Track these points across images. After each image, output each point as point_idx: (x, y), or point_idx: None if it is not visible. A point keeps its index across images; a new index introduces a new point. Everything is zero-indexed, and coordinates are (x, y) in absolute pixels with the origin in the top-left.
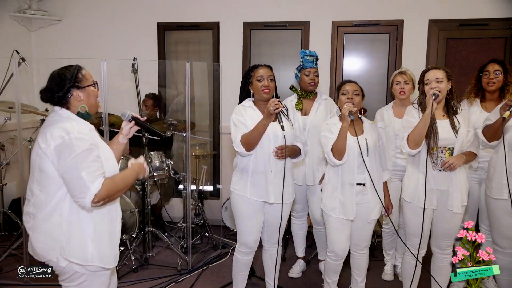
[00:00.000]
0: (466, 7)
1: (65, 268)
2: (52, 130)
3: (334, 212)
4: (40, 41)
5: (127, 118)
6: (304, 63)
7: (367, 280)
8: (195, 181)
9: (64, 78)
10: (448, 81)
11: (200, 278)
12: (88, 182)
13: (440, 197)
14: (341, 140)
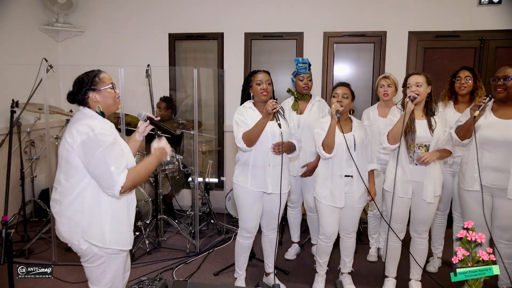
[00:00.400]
0: (441, 20)
1: (86, 251)
2: (77, 127)
3: (325, 199)
4: (66, 50)
5: (143, 118)
6: (298, 69)
7: (354, 262)
8: (201, 174)
9: (82, 82)
10: (428, 86)
11: (207, 260)
12: (116, 175)
13: (415, 188)
14: (329, 136)
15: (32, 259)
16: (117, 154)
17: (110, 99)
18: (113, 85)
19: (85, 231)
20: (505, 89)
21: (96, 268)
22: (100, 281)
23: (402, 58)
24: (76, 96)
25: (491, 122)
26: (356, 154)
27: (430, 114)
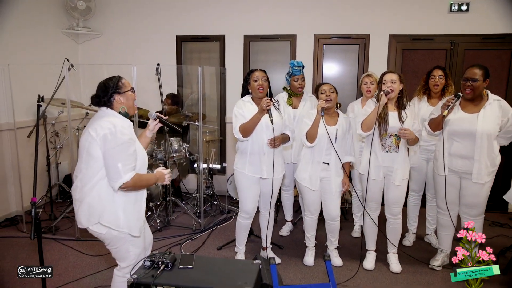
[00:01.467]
0: (417, 25)
1: (106, 235)
2: (101, 123)
3: (303, 181)
4: (85, 51)
5: (153, 117)
6: (293, 71)
7: (340, 237)
8: (206, 160)
9: (108, 86)
10: (400, 83)
11: (210, 236)
12: (122, 172)
13: (386, 173)
14: (313, 129)
15: (58, 235)
16: (129, 154)
17: (131, 100)
18: (133, 88)
19: (102, 216)
20: (473, 90)
21: (119, 248)
22: (126, 258)
23: (383, 58)
24: (102, 98)
25: (459, 117)
26: (337, 145)
27: (402, 107)
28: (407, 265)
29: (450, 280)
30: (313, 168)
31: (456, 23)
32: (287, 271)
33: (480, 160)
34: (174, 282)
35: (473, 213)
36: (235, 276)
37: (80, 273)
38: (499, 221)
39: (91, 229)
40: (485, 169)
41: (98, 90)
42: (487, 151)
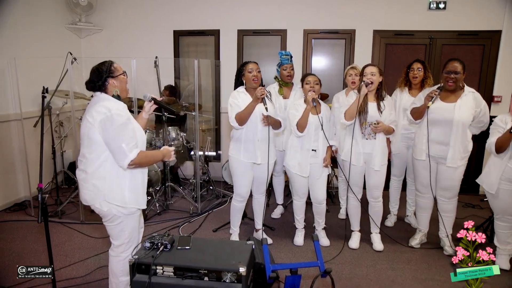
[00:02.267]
0: (399, 22)
1: (107, 212)
2: (96, 108)
3: (293, 169)
4: (88, 45)
5: (148, 98)
6: (282, 60)
7: (327, 219)
8: (202, 148)
9: (101, 71)
10: (380, 75)
11: (207, 219)
12: (127, 150)
13: (366, 159)
14: (303, 119)
15: (64, 219)
16: (129, 133)
17: (124, 84)
18: (125, 72)
19: (107, 195)
20: (455, 82)
21: (116, 226)
22: (119, 236)
23: (367, 52)
24: (96, 83)
25: (438, 106)
26: (323, 132)
27: (380, 98)
28: (388, 244)
29: (428, 257)
30: (303, 155)
31: (435, 20)
32: (278, 251)
33: (454, 146)
34: (172, 262)
35: (448, 196)
36: (230, 256)
37: (85, 254)
38: (471, 203)
39: (94, 205)
40: (458, 154)
41: (91, 75)
42: (461, 138)
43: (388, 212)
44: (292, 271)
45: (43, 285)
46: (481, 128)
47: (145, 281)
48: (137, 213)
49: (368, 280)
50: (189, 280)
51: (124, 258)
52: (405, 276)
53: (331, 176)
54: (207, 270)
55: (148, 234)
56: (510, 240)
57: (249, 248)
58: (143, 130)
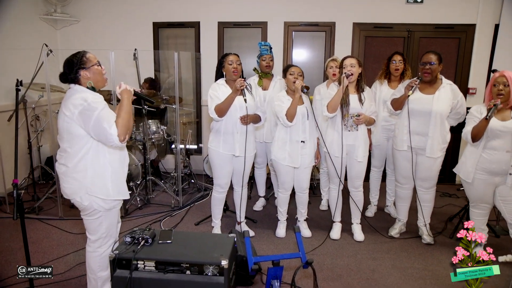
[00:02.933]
0: (379, 14)
1: (87, 206)
2: (72, 101)
3: (283, 161)
4: (64, 37)
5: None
6: (261, 51)
7: (309, 211)
8: (183, 141)
9: (72, 63)
10: (359, 67)
11: (188, 213)
12: (108, 128)
13: (349, 150)
14: (293, 108)
15: (42, 215)
16: (108, 114)
17: (98, 75)
18: (99, 62)
19: (90, 188)
20: (431, 72)
21: (94, 220)
22: (97, 231)
23: (347, 44)
24: (68, 75)
25: (417, 98)
26: (309, 123)
27: (361, 90)
28: (369, 234)
29: (407, 246)
30: (292, 147)
31: (412, 13)
32: (260, 243)
33: (433, 137)
34: (154, 256)
35: (427, 186)
36: (212, 249)
37: (64, 251)
38: (448, 192)
39: (74, 199)
40: (437, 145)
41: (64, 67)
42: (440, 129)
43: (369, 202)
44: (274, 263)
45: (20, 284)
46: (458, 120)
47: (126, 277)
48: (117, 207)
49: (349, 270)
50: (171, 274)
51: (101, 253)
52: (385, 265)
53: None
54: (189, 264)
55: (129, 229)
56: (484, 227)
57: (231, 241)
58: None
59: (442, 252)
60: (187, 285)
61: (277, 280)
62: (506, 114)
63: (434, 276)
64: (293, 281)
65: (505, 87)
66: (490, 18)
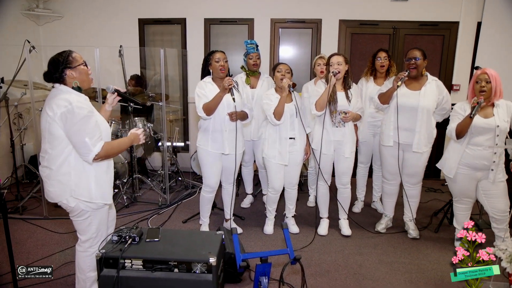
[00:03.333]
0: (364, 11)
1: (74, 207)
2: (56, 101)
3: (274, 159)
4: (47, 33)
5: (111, 90)
6: (248, 49)
7: (296, 207)
8: (170, 139)
9: (58, 62)
10: (346, 64)
11: (176, 211)
12: (91, 145)
13: (336, 146)
14: (280, 106)
15: (26, 214)
16: (92, 126)
17: (84, 75)
18: (85, 62)
19: (74, 190)
20: (416, 67)
21: (83, 221)
22: (87, 231)
23: (334, 41)
24: (53, 75)
25: (404, 93)
26: (298, 120)
27: (347, 87)
28: (356, 229)
29: (393, 241)
30: (282, 144)
31: (398, 10)
32: (248, 240)
33: (420, 132)
34: (141, 254)
35: (413, 181)
36: (200, 246)
37: (49, 251)
38: (433, 187)
39: (61, 202)
40: (423, 140)
41: (49, 66)
42: (426, 125)
43: (356, 198)
44: (262, 259)
45: (4, 285)
46: (443, 116)
47: (113, 276)
48: (105, 207)
49: (337, 265)
50: (159, 273)
51: (92, 253)
52: (372, 260)
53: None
54: (177, 262)
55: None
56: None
57: (219, 238)
58: (106, 123)
59: (427, 246)
60: (175, 283)
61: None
62: (488, 111)
63: (420, 270)
64: (281, 278)
65: (487, 83)
66: (473, 15)
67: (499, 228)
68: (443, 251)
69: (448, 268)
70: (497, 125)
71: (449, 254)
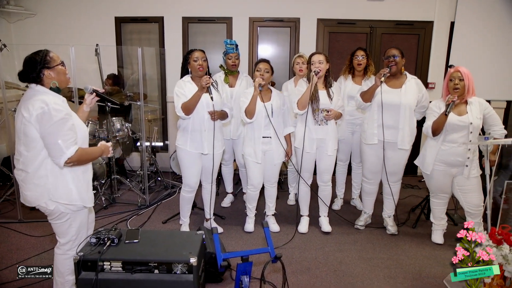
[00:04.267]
0: (342, 10)
1: (54, 210)
2: (32, 102)
3: (250, 156)
4: (19, 31)
5: (89, 91)
6: (227, 49)
7: (277, 206)
8: (148, 138)
9: (35, 62)
10: (327, 63)
11: (156, 211)
12: (64, 148)
13: (319, 144)
14: (251, 105)
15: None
16: (67, 129)
17: (62, 75)
18: (63, 62)
19: (52, 193)
20: (396, 64)
21: (63, 223)
22: (67, 234)
23: (312, 40)
24: (30, 74)
25: (386, 91)
26: (274, 120)
27: (329, 86)
28: (336, 226)
29: (372, 237)
30: (256, 143)
31: (374, 9)
32: (229, 239)
33: (403, 129)
34: (120, 256)
35: (394, 179)
36: (180, 247)
37: (25, 255)
38: (410, 184)
39: (39, 205)
40: (407, 137)
41: (25, 65)
42: (409, 122)
43: (335, 196)
44: (243, 258)
45: None
46: (423, 113)
47: (91, 278)
48: (85, 209)
49: (317, 262)
50: (139, 274)
51: (71, 256)
52: (351, 256)
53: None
54: (157, 263)
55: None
56: (443, 216)
57: (199, 238)
58: (84, 125)
59: (405, 241)
60: (156, 284)
61: (246, 276)
62: (462, 108)
63: (398, 265)
64: (263, 276)
65: (460, 81)
66: (446, 15)
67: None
68: (421, 246)
69: (425, 262)
70: (471, 122)
71: (426, 248)
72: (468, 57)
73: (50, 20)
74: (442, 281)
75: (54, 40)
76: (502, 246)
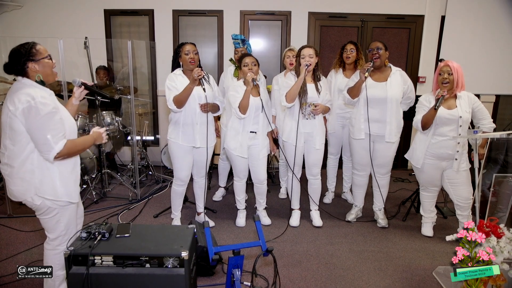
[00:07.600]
0: (333, 4)
1: (40, 205)
2: (19, 96)
3: (235, 151)
4: (5, 23)
5: (78, 84)
6: (235, 44)
7: (268, 199)
8: (139, 132)
9: (20, 54)
10: (316, 57)
11: (147, 205)
12: (53, 142)
13: (307, 138)
14: (245, 100)
15: None
16: (55, 123)
17: (48, 68)
18: (50, 56)
19: (38, 188)
20: (379, 57)
21: (51, 219)
22: (55, 229)
23: (303, 33)
24: (14, 66)
25: (371, 85)
26: (262, 114)
27: (317, 79)
28: (327, 220)
29: (363, 230)
30: (243, 137)
31: (366, 3)
32: (220, 233)
33: (391, 122)
34: (111, 251)
35: (383, 172)
36: (171, 241)
37: (14, 250)
38: (401, 177)
39: (26, 200)
40: (394, 129)
41: (10, 57)
42: (396, 114)
43: (326, 189)
44: (234, 252)
45: None
46: (409, 104)
47: (82, 273)
48: (72, 204)
49: (309, 255)
50: (130, 268)
51: (61, 251)
52: (342, 249)
53: (271, 156)
54: (148, 257)
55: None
56: (433, 209)
57: (191, 232)
58: (72, 118)
59: (395, 234)
60: (147, 278)
61: (238, 269)
62: (451, 102)
63: (388, 257)
64: (254, 269)
65: (449, 75)
66: (437, 9)
67: (463, 215)
68: (411, 239)
69: (415, 254)
70: (460, 116)
71: (416, 241)
72: (458, 51)
73: (38, 12)
74: (431, 273)
75: (42, 33)
76: (490, 238)
